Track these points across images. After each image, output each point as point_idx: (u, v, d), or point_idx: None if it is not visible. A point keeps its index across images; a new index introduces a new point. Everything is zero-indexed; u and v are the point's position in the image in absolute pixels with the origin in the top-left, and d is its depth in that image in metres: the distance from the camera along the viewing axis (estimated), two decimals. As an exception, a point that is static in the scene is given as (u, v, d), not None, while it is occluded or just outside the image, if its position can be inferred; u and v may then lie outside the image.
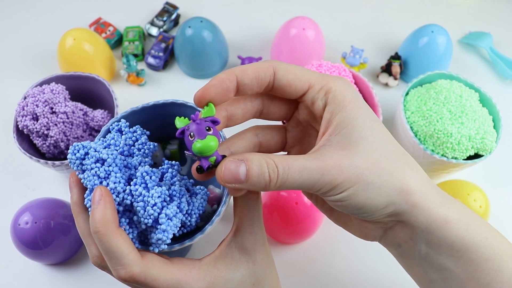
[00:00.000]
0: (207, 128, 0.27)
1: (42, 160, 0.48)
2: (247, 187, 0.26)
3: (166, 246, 0.30)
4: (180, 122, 0.28)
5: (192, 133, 0.27)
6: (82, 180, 0.30)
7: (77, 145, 0.30)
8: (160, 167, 0.32)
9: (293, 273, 0.50)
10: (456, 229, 0.28)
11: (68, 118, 0.50)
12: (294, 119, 0.32)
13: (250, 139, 0.32)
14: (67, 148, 0.51)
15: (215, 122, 0.28)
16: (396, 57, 0.64)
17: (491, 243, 0.28)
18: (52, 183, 0.56)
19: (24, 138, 0.51)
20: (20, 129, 0.50)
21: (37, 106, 0.49)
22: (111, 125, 0.34)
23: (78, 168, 0.30)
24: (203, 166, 0.27)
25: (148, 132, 0.34)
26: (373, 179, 0.27)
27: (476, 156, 0.52)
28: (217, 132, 0.27)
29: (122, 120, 0.34)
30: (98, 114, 0.53)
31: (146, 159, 0.32)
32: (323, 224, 0.52)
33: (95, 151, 0.30)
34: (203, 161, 0.27)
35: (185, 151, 0.29)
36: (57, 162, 0.48)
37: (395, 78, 0.64)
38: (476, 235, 0.28)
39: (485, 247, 0.28)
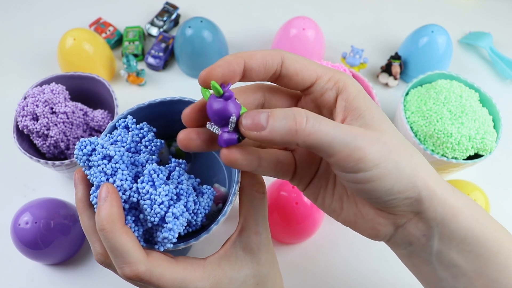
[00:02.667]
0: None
1: (42, 160, 0.48)
2: (271, 135, 0.24)
3: (171, 245, 0.30)
4: (205, 91, 0.27)
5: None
6: (88, 177, 0.30)
7: (84, 141, 0.30)
8: (167, 165, 0.32)
9: (294, 273, 0.50)
10: (468, 220, 0.28)
11: (68, 118, 0.50)
12: None
13: None
14: (67, 148, 0.51)
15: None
16: (396, 57, 0.64)
17: (498, 237, 0.28)
18: (52, 183, 0.56)
19: (24, 138, 0.51)
20: (20, 129, 0.50)
21: (37, 106, 0.49)
22: (118, 121, 0.33)
23: (85, 164, 0.30)
24: (234, 139, 0.26)
25: (155, 129, 0.33)
26: (399, 159, 0.26)
27: (476, 156, 0.52)
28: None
29: (129, 116, 0.33)
30: (98, 114, 0.53)
31: (153, 156, 0.32)
32: (323, 224, 0.52)
33: (102, 147, 0.30)
34: (233, 134, 0.26)
35: (208, 124, 0.27)
36: (57, 162, 0.48)
37: (395, 78, 0.64)
38: (486, 228, 0.28)
39: (493, 241, 0.28)
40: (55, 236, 0.46)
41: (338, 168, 0.26)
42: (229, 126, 0.26)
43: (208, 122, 0.28)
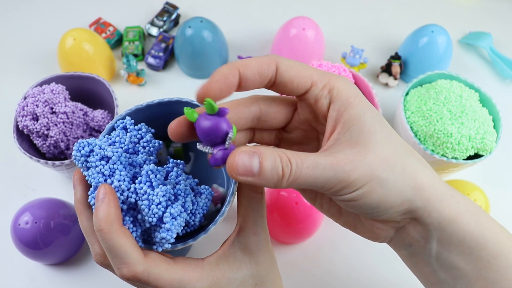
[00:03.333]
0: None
1: (42, 160, 0.48)
2: (259, 181, 0.25)
3: (169, 245, 0.30)
4: (190, 112, 0.27)
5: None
6: (86, 177, 0.30)
7: (82, 142, 0.30)
8: (165, 166, 0.32)
9: (293, 273, 0.50)
10: (467, 223, 0.28)
11: (68, 118, 0.50)
12: (294, 121, 0.31)
13: (246, 137, 0.31)
14: (67, 148, 0.51)
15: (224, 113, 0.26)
16: (396, 57, 0.64)
17: (499, 239, 0.28)
18: (52, 183, 0.56)
19: (24, 138, 0.51)
20: (20, 129, 0.50)
21: (37, 106, 0.49)
22: (116, 122, 0.34)
23: (83, 165, 0.30)
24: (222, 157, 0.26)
25: (153, 130, 0.34)
26: (387, 176, 0.26)
27: (476, 156, 0.52)
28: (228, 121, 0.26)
29: (127, 117, 0.33)
30: (98, 114, 0.53)
31: (151, 157, 0.32)
32: (323, 224, 0.52)
33: (100, 148, 0.30)
34: (223, 152, 0.26)
35: (198, 145, 0.27)
36: (57, 162, 0.48)
37: (395, 78, 0.64)
38: (486, 230, 0.28)
39: (494, 243, 0.28)
40: (55, 236, 0.46)
41: (326, 193, 0.27)
42: (226, 143, 0.26)
43: (198, 143, 0.27)
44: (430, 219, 0.27)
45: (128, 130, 0.33)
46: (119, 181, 0.29)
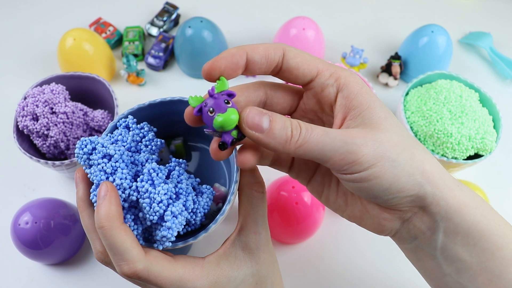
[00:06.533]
0: (225, 101, 0.26)
1: (42, 160, 0.48)
2: (267, 140, 0.26)
3: (170, 244, 0.30)
4: (194, 101, 0.27)
5: (211, 108, 0.26)
6: (88, 175, 0.30)
7: (85, 140, 0.30)
8: (167, 165, 0.32)
9: (293, 273, 0.50)
10: (473, 213, 0.28)
11: (68, 118, 0.50)
12: (299, 110, 0.32)
13: None
14: (67, 148, 0.51)
15: (231, 95, 0.27)
16: (396, 57, 0.64)
17: (503, 231, 0.28)
18: (52, 183, 0.56)
19: (24, 138, 0.51)
20: (20, 129, 0.50)
21: (37, 106, 0.49)
22: (118, 121, 0.34)
23: (85, 163, 0.30)
24: (226, 142, 0.26)
25: (155, 129, 0.34)
26: (397, 157, 0.26)
27: (476, 156, 0.52)
28: (235, 105, 0.26)
29: (130, 116, 0.34)
30: (98, 114, 0.53)
31: (153, 155, 0.33)
32: (324, 224, 0.52)
33: (103, 146, 0.30)
34: (225, 136, 0.26)
35: (204, 130, 0.27)
36: (57, 162, 0.48)
37: (395, 78, 0.64)
38: (490, 221, 0.28)
39: (498, 235, 0.28)
40: (55, 236, 0.46)
41: (335, 171, 0.27)
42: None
43: (205, 130, 0.27)
44: (438, 208, 0.27)
45: (131, 129, 0.33)
46: (120, 179, 0.29)
